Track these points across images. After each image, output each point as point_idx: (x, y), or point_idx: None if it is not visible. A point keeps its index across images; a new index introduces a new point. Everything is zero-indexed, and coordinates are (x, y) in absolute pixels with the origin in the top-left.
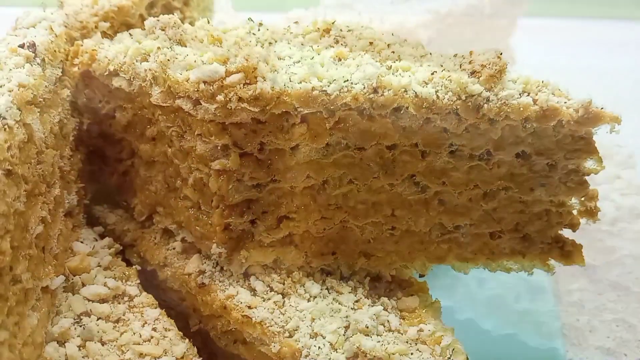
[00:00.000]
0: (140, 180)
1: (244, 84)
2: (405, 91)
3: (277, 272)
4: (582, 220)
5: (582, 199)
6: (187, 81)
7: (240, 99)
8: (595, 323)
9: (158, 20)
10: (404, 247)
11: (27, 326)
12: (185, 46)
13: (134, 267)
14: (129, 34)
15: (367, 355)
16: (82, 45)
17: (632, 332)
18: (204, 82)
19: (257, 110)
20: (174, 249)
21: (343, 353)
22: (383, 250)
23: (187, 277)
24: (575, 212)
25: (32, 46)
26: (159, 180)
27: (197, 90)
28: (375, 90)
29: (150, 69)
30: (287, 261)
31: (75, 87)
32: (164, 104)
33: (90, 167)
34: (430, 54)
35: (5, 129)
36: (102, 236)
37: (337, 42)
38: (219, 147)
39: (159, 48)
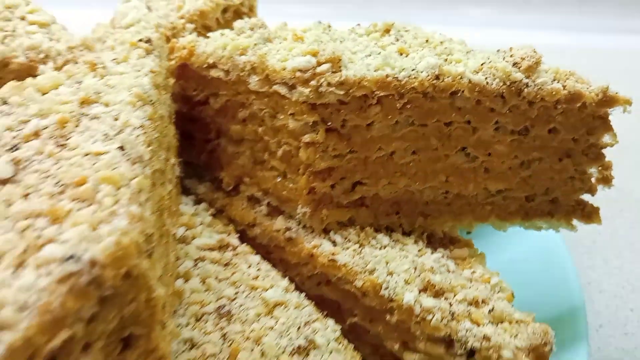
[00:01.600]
0: (227, 157)
1: (332, 72)
2: (461, 78)
3: (353, 228)
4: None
5: (600, 168)
6: (284, 70)
7: (329, 84)
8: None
9: (246, 22)
10: (455, 208)
11: (170, 260)
12: (272, 43)
13: (230, 225)
14: (221, 33)
15: (436, 287)
16: (177, 43)
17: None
18: (300, 70)
19: (342, 93)
20: (260, 212)
21: (415, 286)
22: (438, 210)
23: (275, 233)
24: (593, 179)
25: (149, 41)
26: (246, 156)
27: (294, 77)
28: (437, 77)
29: (249, 61)
30: (359, 219)
31: None
32: (261, 90)
33: (180, 147)
34: (473, 50)
35: (151, 103)
36: (197, 202)
37: (397, 39)
38: (309, 124)
39: (255, 44)
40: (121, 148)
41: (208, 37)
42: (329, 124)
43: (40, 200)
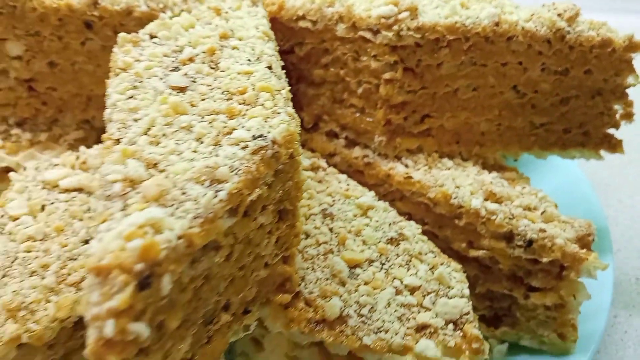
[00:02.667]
0: (307, 99)
1: (410, 19)
2: (516, 25)
3: (421, 154)
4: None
5: (624, 105)
6: (369, 17)
7: (408, 29)
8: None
9: None
10: (505, 138)
11: None
12: None
13: (316, 152)
14: None
15: (496, 195)
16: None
17: None
18: (383, 17)
19: (418, 37)
20: (339, 144)
21: (480, 195)
22: (491, 140)
23: (354, 159)
24: (618, 115)
25: None
26: (326, 96)
27: (378, 23)
28: (496, 24)
29: (337, 11)
30: (426, 147)
31: None
32: (347, 36)
33: None
34: (519, 5)
35: (273, 40)
36: None
37: None
38: (389, 63)
39: None
40: (269, 67)
41: None
42: (406, 63)
43: (215, 103)
